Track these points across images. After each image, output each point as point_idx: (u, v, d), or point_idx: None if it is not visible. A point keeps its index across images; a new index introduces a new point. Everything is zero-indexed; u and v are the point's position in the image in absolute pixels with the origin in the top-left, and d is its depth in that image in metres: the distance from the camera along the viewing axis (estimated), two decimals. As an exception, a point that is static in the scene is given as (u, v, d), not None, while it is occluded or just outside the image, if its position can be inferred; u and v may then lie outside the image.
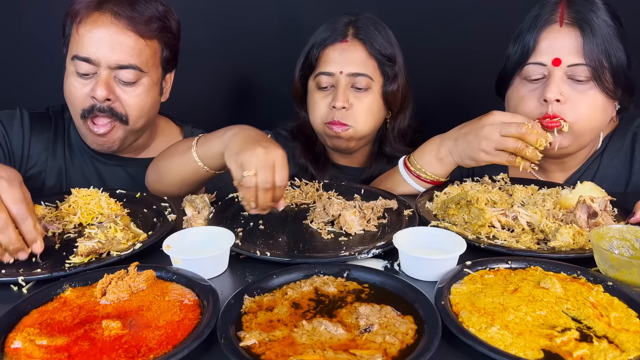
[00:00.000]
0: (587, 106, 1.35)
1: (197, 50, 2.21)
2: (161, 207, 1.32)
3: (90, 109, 1.47)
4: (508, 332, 0.79)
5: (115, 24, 1.43)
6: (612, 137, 1.51)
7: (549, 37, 1.35)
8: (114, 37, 1.43)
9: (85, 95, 1.47)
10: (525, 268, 0.98)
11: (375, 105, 1.64)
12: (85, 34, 1.44)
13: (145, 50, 1.48)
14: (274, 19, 2.26)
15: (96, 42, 1.43)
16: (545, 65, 1.35)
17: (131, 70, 1.46)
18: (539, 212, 1.20)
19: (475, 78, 2.18)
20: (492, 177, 1.47)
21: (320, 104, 1.64)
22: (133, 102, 1.50)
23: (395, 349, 0.75)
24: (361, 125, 1.62)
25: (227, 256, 1.05)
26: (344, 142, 1.65)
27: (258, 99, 2.38)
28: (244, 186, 1.15)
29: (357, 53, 1.60)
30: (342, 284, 0.93)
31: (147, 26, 1.47)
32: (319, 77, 1.62)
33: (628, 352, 0.75)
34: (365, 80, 1.59)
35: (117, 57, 1.44)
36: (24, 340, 0.78)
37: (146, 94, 1.52)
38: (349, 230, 1.18)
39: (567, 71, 1.34)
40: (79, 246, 1.07)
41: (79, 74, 1.47)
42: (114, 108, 1.48)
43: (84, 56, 1.43)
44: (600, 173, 1.49)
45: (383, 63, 1.62)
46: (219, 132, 1.31)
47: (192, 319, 0.83)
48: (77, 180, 1.63)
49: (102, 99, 1.45)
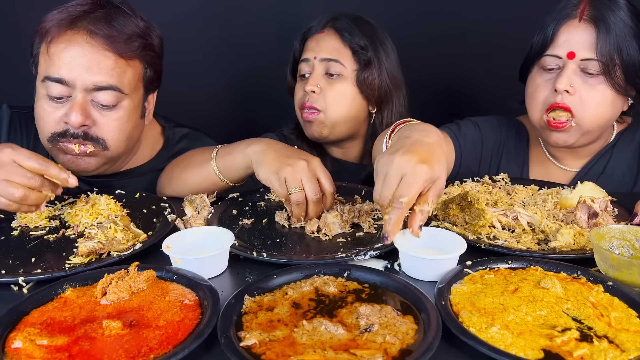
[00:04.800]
0: (596, 100, 1.39)
1: (197, 53, 2.22)
2: (161, 207, 1.32)
3: (62, 133, 1.34)
4: (508, 332, 0.79)
5: (91, 44, 1.30)
6: (624, 132, 1.56)
7: (568, 31, 1.39)
8: (91, 57, 1.30)
9: (58, 119, 1.33)
10: (525, 268, 0.98)
11: (348, 93, 1.67)
12: (57, 54, 1.30)
13: (127, 71, 1.36)
14: (273, 23, 2.26)
15: (69, 62, 1.29)
16: (560, 58, 1.40)
17: (111, 91, 1.33)
18: (540, 212, 1.20)
19: (476, 78, 2.19)
20: (492, 177, 1.47)
21: (298, 90, 1.72)
22: (113, 126, 1.36)
23: (396, 349, 0.75)
24: (331, 111, 1.65)
25: (226, 256, 1.05)
26: (316, 129, 1.68)
27: (258, 102, 2.39)
28: (294, 203, 1.17)
29: (332, 41, 1.67)
30: (343, 284, 0.93)
31: (128, 45, 1.34)
32: (300, 66, 1.70)
33: (628, 352, 0.75)
34: (338, 66, 1.64)
35: (94, 78, 1.30)
36: (24, 340, 0.78)
37: (127, 118, 1.39)
38: (329, 232, 1.18)
39: (580, 64, 1.38)
40: (79, 246, 1.07)
41: (50, 97, 1.32)
42: (89, 132, 1.34)
43: (56, 77, 1.30)
44: (612, 164, 1.54)
45: (357, 52, 1.66)
46: (240, 146, 1.31)
47: (193, 319, 0.83)
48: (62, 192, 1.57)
49: (77, 125, 1.31)
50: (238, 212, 1.32)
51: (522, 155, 1.63)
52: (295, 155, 1.20)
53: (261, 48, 2.28)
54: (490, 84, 1.74)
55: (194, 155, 1.44)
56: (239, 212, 1.32)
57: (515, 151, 1.64)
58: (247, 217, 1.28)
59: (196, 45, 2.23)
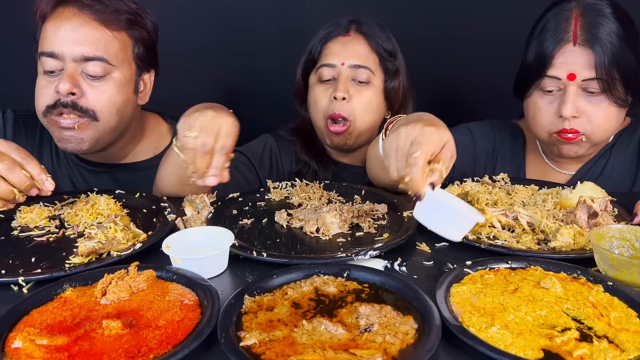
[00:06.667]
0: (602, 117, 1.40)
1: (198, 52, 2.22)
2: (161, 207, 1.32)
3: (53, 105, 1.40)
4: (508, 332, 0.79)
5: (78, 16, 1.39)
6: (623, 133, 1.56)
7: (564, 53, 1.39)
8: (78, 29, 1.38)
9: (52, 92, 1.39)
10: (525, 268, 0.98)
11: (375, 101, 1.64)
12: (49, 29, 1.39)
13: (113, 43, 1.42)
14: (275, 24, 2.26)
15: (60, 36, 1.38)
16: (560, 80, 1.40)
17: (98, 62, 1.39)
18: (540, 212, 1.20)
19: (475, 78, 2.19)
20: (492, 177, 1.47)
21: (321, 97, 1.64)
22: (102, 97, 1.42)
23: (396, 348, 0.75)
24: (359, 120, 1.62)
25: (226, 256, 1.05)
26: (342, 139, 1.64)
27: (257, 102, 2.38)
28: (184, 146, 1.13)
29: (360, 46, 1.61)
30: (342, 284, 0.93)
31: (114, 16, 1.42)
32: (320, 70, 1.63)
33: (628, 352, 0.75)
34: (367, 73, 1.60)
35: (82, 48, 1.37)
36: (24, 340, 0.78)
37: (117, 90, 1.44)
38: (327, 232, 1.17)
39: (581, 85, 1.38)
40: (79, 246, 1.07)
41: (45, 72, 1.41)
42: (78, 102, 1.39)
43: (48, 51, 1.38)
44: (610, 166, 1.54)
45: (384, 58, 1.63)
46: None
47: (192, 318, 0.83)
48: (65, 187, 1.59)
49: (65, 92, 1.37)
50: (238, 212, 1.32)
51: (519, 159, 1.63)
52: (210, 107, 1.17)
53: (261, 48, 2.28)
54: (489, 83, 1.74)
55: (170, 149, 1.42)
56: (238, 212, 1.32)
57: (511, 155, 1.64)
58: (247, 217, 1.28)
59: (196, 45, 2.23)
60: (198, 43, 2.19)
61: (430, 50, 2.15)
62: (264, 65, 2.28)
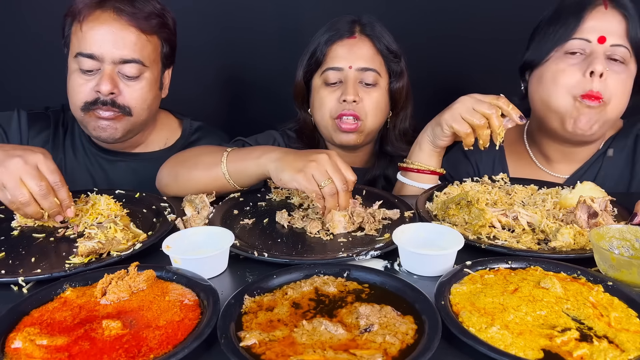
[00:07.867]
0: (621, 88, 1.40)
1: (198, 50, 2.21)
2: (161, 207, 1.32)
3: (93, 102, 1.50)
4: (508, 332, 0.79)
5: (117, 21, 1.47)
6: (616, 137, 1.55)
7: (595, 17, 1.39)
8: (117, 33, 1.47)
9: (90, 90, 1.50)
10: (525, 268, 0.98)
11: (382, 102, 1.65)
12: (88, 31, 1.47)
13: (147, 46, 1.53)
14: (274, 22, 2.26)
15: (100, 39, 1.46)
16: (590, 42, 1.39)
17: (134, 64, 1.50)
18: (539, 212, 1.20)
19: (475, 78, 2.19)
20: (492, 177, 1.47)
21: (328, 100, 1.63)
22: (136, 95, 1.53)
23: (396, 349, 0.75)
24: (370, 120, 1.63)
25: (226, 256, 1.05)
26: (354, 138, 1.64)
27: (256, 100, 2.38)
28: (328, 195, 1.17)
29: (365, 48, 1.62)
30: (342, 284, 0.93)
31: (148, 22, 1.51)
32: (326, 73, 1.62)
33: (628, 352, 0.75)
34: (374, 75, 1.61)
35: (121, 52, 1.48)
36: (24, 340, 0.78)
37: (149, 88, 1.56)
38: (333, 229, 1.18)
39: (608, 50, 1.38)
40: (79, 246, 1.07)
41: (82, 71, 1.49)
42: (117, 100, 1.51)
43: (88, 52, 1.47)
44: (603, 171, 1.53)
45: (389, 60, 1.64)
46: (253, 153, 1.31)
47: (192, 318, 0.83)
48: (82, 177, 1.67)
49: (106, 92, 1.48)
50: (239, 212, 1.32)
51: (501, 163, 1.64)
52: (313, 152, 1.23)
53: (261, 48, 2.28)
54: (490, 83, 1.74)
55: (201, 154, 1.43)
56: (239, 212, 1.32)
57: (489, 159, 1.66)
58: (248, 217, 1.28)
59: (196, 45, 2.23)
60: (198, 43, 2.19)
61: (430, 50, 2.15)
62: (264, 65, 2.28)
